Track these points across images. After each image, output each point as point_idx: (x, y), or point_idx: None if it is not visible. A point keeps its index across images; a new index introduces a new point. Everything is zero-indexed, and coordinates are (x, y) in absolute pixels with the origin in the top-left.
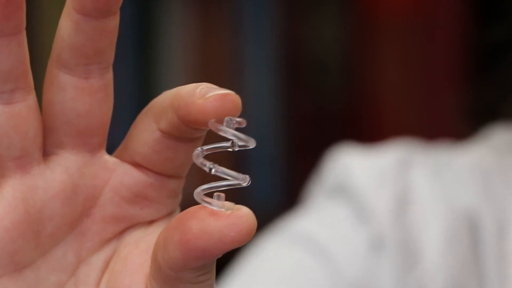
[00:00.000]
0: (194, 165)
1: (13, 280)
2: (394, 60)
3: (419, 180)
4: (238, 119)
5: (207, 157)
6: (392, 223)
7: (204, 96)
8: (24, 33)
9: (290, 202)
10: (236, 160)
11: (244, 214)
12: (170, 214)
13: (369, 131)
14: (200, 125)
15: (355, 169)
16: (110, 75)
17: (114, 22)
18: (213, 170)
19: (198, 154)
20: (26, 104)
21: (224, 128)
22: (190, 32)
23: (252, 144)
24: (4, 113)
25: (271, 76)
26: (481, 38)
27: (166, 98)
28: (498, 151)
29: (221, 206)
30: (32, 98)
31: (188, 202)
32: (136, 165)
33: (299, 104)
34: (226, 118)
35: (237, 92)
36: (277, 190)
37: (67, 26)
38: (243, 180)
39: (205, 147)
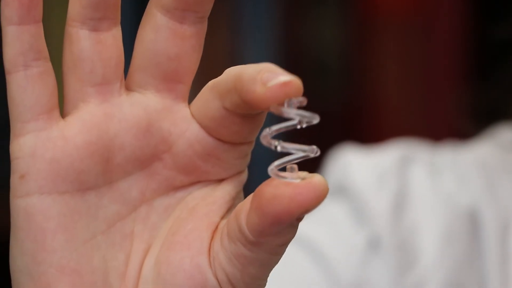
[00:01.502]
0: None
1: (74, 199)
2: (395, 60)
3: (419, 178)
4: (300, 99)
5: None
6: (390, 223)
7: (266, 84)
8: None
9: None
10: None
11: (313, 181)
12: (239, 173)
13: (369, 131)
14: (262, 109)
15: (355, 169)
16: (203, 26)
17: None
18: (278, 148)
19: (266, 135)
20: (111, 34)
21: (286, 110)
22: None
23: (316, 119)
24: (90, 39)
25: None
26: (483, 37)
27: (229, 78)
28: (503, 149)
29: (295, 177)
30: (117, 30)
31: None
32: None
33: None
34: (286, 99)
35: None
36: None
37: None
38: (311, 151)
39: (273, 128)
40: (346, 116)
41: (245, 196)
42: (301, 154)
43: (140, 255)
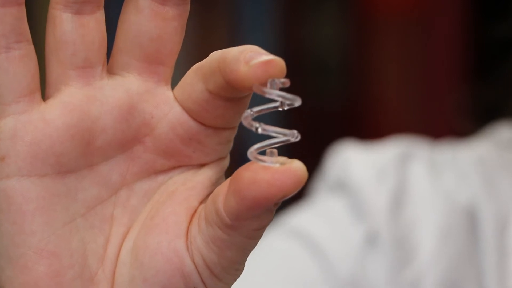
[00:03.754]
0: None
1: (54, 181)
2: (394, 59)
3: (418, 174)
4: (282, 80)
5: None
6: (388, 220)
7: (249, 63)
8: None
9: (292, 198)
10: (239, 156)
11: (292, 166)
12: (220, 159)
13: (369, 130)
14: (245, 90)
15: (354, 164)
16: (186, 9)
17: None
18: (259, 130)
19: (247, 116)
20: (94, 17)
21: (268, 90)
22: (189, 32)
23: (298, 102)
24: (73, 22)
25: None
26: (483, 37)
27: (214, 60)
28: (501, 147)
29: (274, 162)
30: (101, 14)
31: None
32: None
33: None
34: (269, 80)
35: None
36: None
37: None
38: (292, 135)
39: (255, 109)
40: (345, 115)
41: None
42: (282, 137)
43: (119, 238)
